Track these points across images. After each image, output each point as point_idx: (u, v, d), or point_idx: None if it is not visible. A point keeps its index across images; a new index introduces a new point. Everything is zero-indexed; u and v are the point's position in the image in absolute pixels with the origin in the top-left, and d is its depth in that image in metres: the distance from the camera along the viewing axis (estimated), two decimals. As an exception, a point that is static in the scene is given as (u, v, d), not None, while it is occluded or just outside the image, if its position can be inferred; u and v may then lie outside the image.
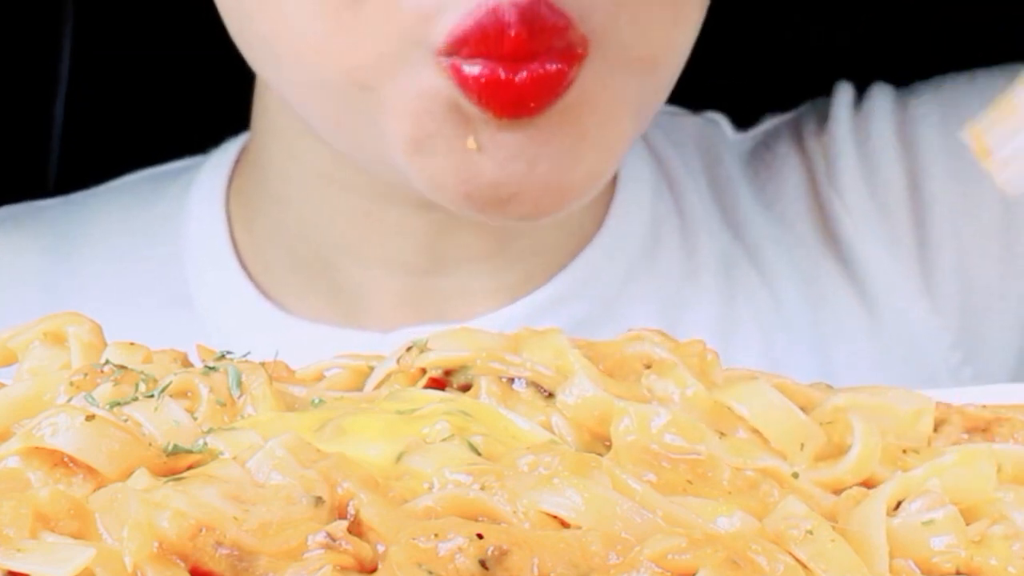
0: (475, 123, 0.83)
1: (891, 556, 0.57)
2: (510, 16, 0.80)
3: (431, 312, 0.98)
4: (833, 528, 0.57)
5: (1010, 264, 1.02)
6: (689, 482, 0.59)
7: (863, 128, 1.05)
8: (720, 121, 1.10)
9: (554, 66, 0.82)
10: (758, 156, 1.08)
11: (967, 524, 0.59)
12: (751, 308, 1.02)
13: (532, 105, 0.82)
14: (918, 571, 0.57)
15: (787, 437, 0.64)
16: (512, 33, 0.80)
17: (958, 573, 0.58)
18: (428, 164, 0.85)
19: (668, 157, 1.06)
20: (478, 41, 0.81)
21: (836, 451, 0.65)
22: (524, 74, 0.81)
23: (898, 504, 0.60)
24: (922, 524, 0.58)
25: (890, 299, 1.02)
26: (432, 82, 0.83)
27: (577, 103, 0.84)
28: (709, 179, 1.06)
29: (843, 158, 1.04)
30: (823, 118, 1.07)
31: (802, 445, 0.64)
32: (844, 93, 1.07)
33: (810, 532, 0.56)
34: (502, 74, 0.81)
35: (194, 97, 1.37)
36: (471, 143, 0.84)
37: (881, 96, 1.06)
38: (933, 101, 1.05)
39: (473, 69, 0.81)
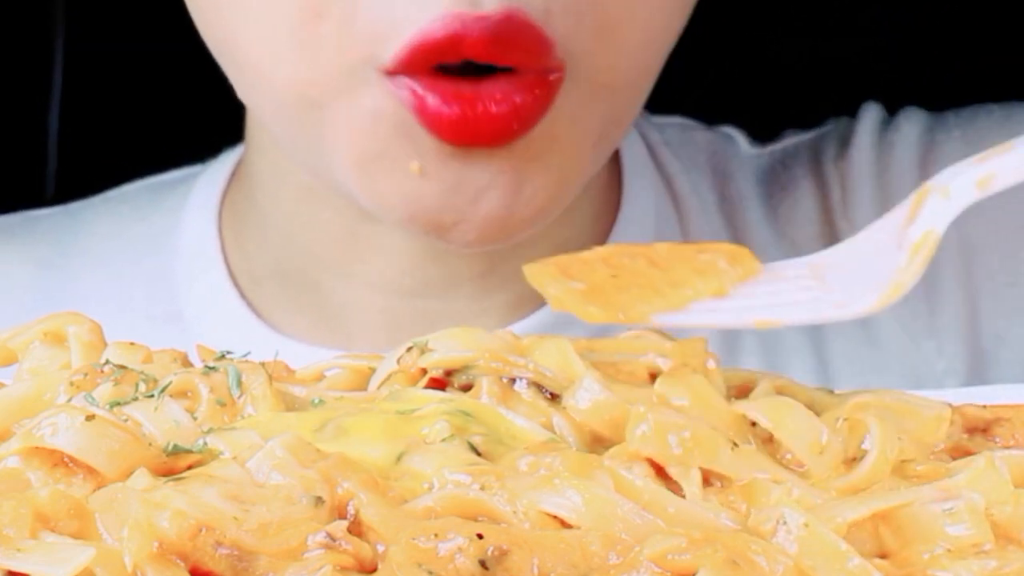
0: (422, 146, 0.81)
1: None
2: (473, 32, 0.78)
3: (418, 335, 0.95)
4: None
5: (1017, 309, 0.98)
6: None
7: (884, 159, 1.00)
8: (736, 136, 1.06)
9: (520, 99, 0.79)
10: (774, 175, 1.04)
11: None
12: (754, 335, 0.98)
13: (488, 139, 0.80)
14: None
15: (809, 449, 0.63)
16: (472, 39, 0.77)
17: None
18: (373, 184, 0.84)
19: (675, 175, 1.02)
20: (428, 53, 0.78)
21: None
22: (493, 107, 0.79)
23: None
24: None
25: (895, 337, 0.98)
26: (379, 103, 0.81)
27: (540, 136, 0.81)
28: (719, 198, 1.02)
29: (860, 190, 1.00)
30: (844, 142, 1.02)
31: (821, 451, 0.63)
32: (869, 117, 1.03)
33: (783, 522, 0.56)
34: (455, 109, 0.78)
35: (192, 97, 1.37)
36: (414, 167, 0.82)
37: (907, 125, 1.01)
38: (961, 138, 1.00)
39: (433, 99, 0.79)
